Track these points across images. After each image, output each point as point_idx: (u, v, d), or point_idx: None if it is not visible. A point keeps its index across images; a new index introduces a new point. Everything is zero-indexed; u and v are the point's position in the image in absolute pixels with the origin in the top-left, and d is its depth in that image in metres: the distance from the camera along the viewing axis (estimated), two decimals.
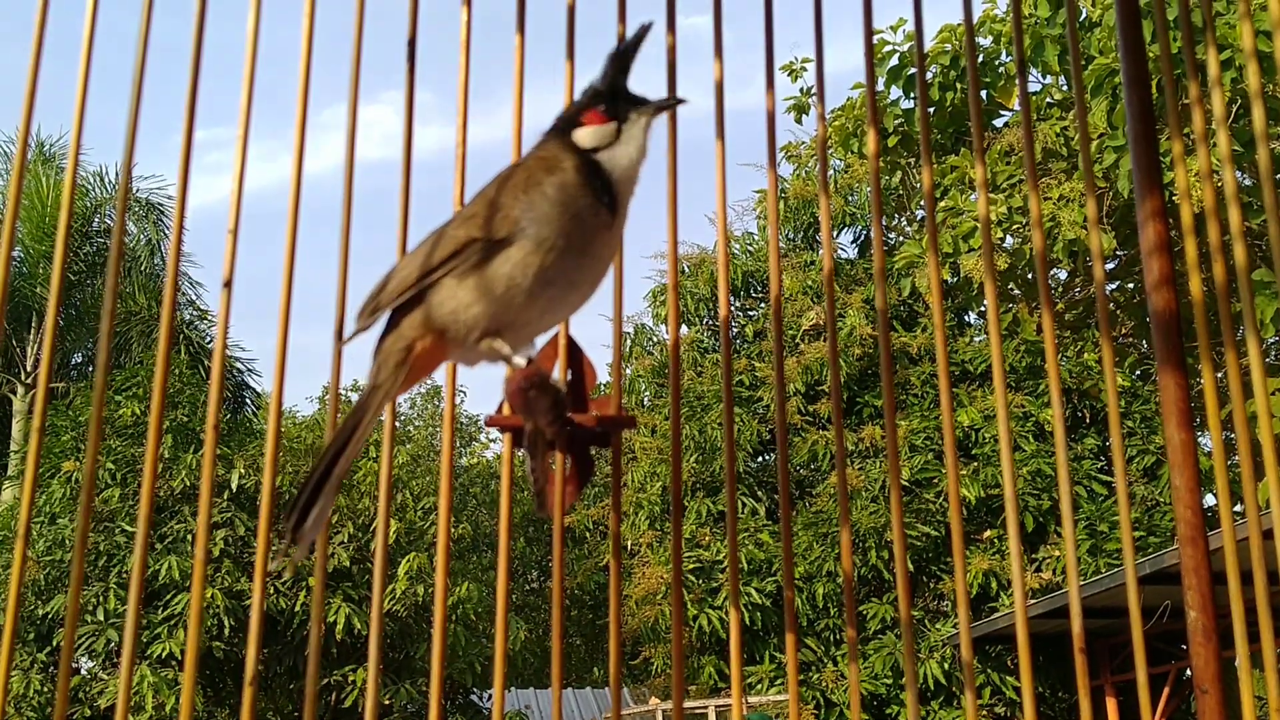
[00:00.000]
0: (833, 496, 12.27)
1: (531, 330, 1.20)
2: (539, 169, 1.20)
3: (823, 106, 1.42)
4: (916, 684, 1.05)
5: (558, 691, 1.25)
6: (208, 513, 1.18)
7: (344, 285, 1.29)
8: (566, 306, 1.20)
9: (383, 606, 1.10)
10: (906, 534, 11.61)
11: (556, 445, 1.28)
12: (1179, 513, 0.96)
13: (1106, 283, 11.69)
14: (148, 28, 1.30)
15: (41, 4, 1.30)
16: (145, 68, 1.28)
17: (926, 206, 1.37)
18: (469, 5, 1.37)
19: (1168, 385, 0.99)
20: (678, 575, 1.25)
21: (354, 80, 1.31)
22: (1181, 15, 1.25)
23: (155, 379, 1.19)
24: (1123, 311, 12.63)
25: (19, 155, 1.28)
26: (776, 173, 1.40)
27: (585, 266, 1.17)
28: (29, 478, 1.19)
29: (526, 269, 1.13)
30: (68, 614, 1.14)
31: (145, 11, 1.30)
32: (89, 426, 1.20)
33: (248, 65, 1.28)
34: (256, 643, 1.11)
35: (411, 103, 1.33)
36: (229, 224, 1.26)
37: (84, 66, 1.28)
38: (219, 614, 10.68)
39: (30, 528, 1.21)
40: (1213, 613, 0.94)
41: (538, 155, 1.23)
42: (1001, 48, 12.05)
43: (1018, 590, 1.03)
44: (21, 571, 1.17)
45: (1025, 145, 1.28)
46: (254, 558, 10.45)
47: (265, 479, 1.15)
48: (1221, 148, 1.18)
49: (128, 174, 1.27)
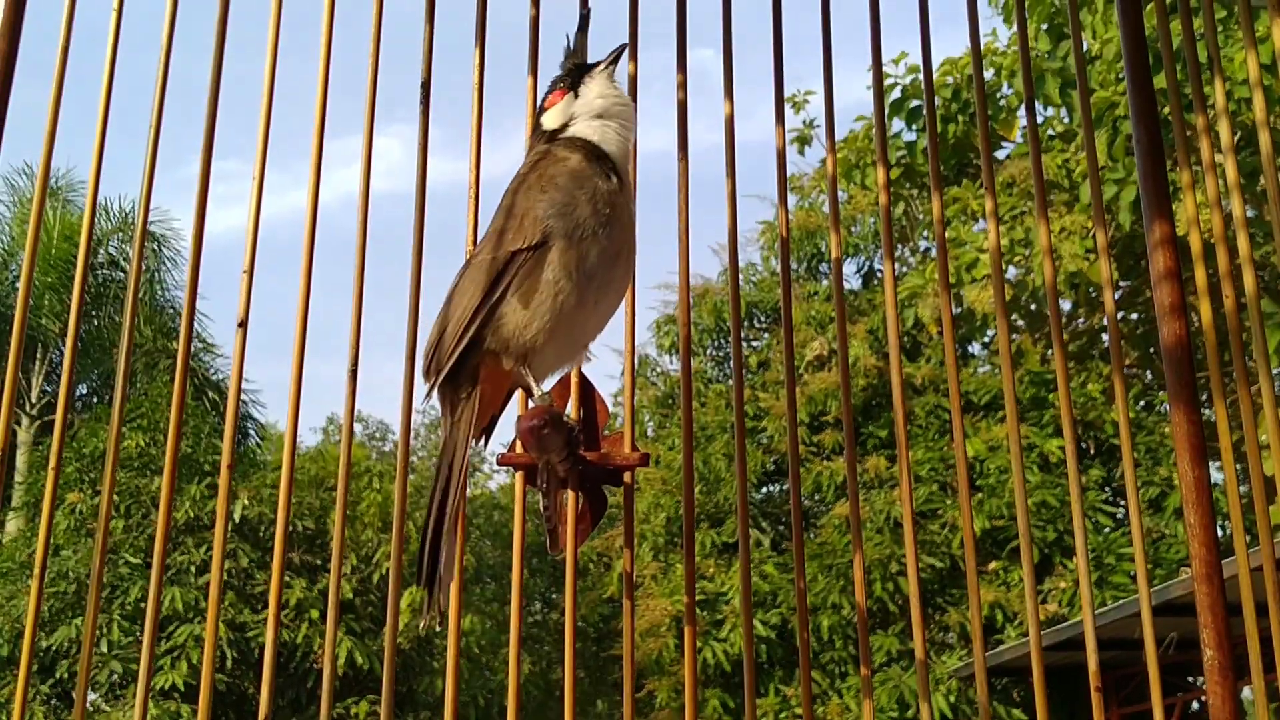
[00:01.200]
0: (838, 528, 12.24)
1: (591, 330, 1.21)
2: (545, 166, 1.23)
3: (831, 140, 1.43)
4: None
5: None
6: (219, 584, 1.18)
7: (358, 321, 1.30)
8: (615, 291, 1.20)
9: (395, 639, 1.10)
10: None
11: (569, 483, 1.28)
12: (1194, 549, 0.96)
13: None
14: (167, 65, 1.31)
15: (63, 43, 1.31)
16: (164, 108, 1.30)
17: (937, 233, 1.38)
18: (482, 46, 1.39)
19: (1180, 420, 1.00)
20: (690, 608, 1.25)
21: (368, 133, 1.32)
22: (1186, 43, 1.26)
23: (171, 423, 1.20)
24: (1126, 342, 12.62)
25: (36, 204, 1.29)
26: (787, 210, 1.41)
27: (617, 238, 1.19)
28: (45, 518, 1.20)
29: (568, 268, 1.14)
30: (83, 651, 1.14)
31: (165, 48, 1.31)
32: (99, 459, 1.21)
33: (264, 108, 1.30)
34: (270, 683, 1.11)
35: (425, 146, 1.34)
36: (244, 264, 1.27)
37: (103, 106, 1.29)
38: (221, 646, 10.64)
39: (45, 564, 1.21)
40: (1229, 650, 0.94)
41: (534, 159, 1.26)
42: (1002, 80, 12.11)
43: (1032, 624, 1.03)
44: (37, 609, 1.17)
45: (1034, 171, 1.29)
46: (257, 589, 10.38)
47: (279, 523, 1.15)
48: (1230, 175, 1.19)
49: (142, 230, 1.28)
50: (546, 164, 1.22)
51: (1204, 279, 1.09)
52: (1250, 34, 1.23)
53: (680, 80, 1.43)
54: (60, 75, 1.29)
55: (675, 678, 12.36)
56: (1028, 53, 1.44)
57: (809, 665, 1.26)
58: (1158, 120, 1.14)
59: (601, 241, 1.16)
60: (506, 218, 1.18)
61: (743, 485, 1.33)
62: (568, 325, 1.16)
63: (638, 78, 1.44)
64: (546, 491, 1.27)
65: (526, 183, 1.21)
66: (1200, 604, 0.94)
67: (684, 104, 1.42)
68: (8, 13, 1.21)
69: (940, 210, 1.41)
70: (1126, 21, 1.18)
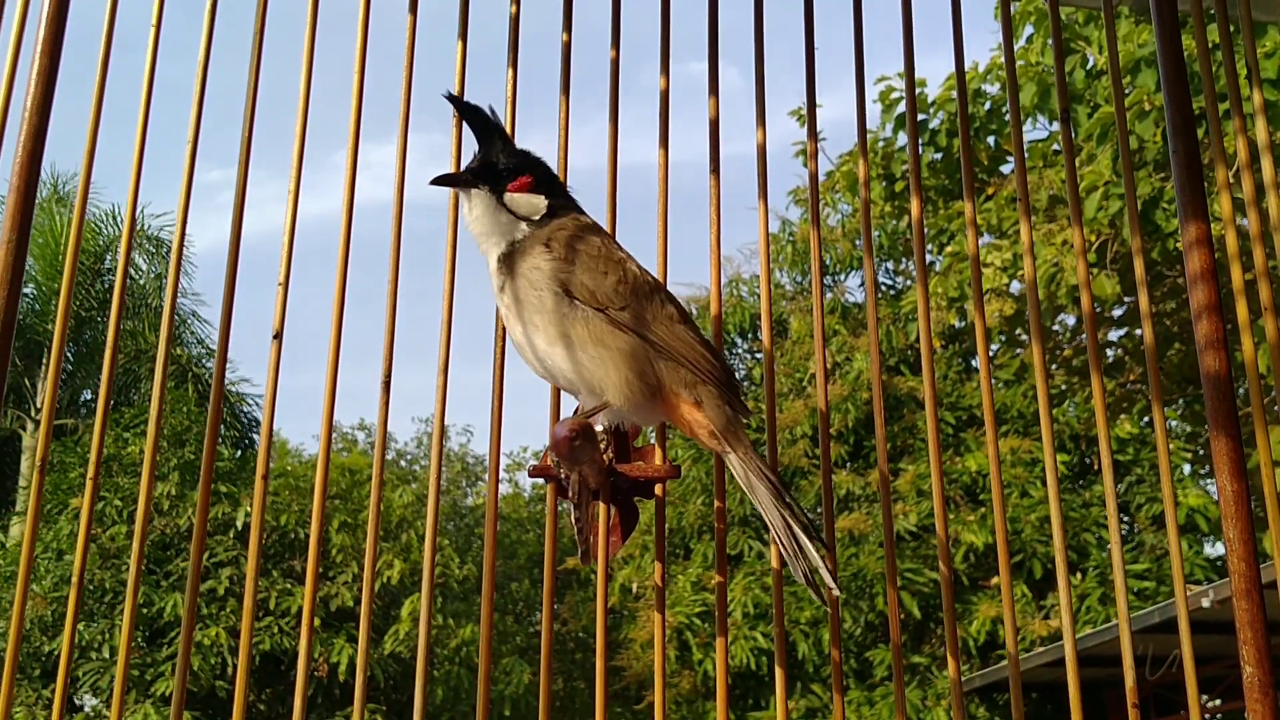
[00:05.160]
0: (840, 541, 12.21)
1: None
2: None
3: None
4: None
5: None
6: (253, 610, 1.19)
7: (391, 332, 1.31)
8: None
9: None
10: (914, 580, 11.55)
11: (600, 495, 1.29)
12: (1233, 565, 0.96)
13: (1114, 329, 11.69)
14: (204, 78, 1.32)
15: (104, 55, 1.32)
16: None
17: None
18: (515, 66, 1.40)
19: (1219, 437, 1.00)
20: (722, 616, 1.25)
21: (402, 147, 1.33)
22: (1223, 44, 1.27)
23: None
24: (1130, 358, 12.63)
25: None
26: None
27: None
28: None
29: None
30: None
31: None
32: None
33: (299, 123, 1.30)
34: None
35: (458, 156, 1.35)
36: (279, 276, 1.28)
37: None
38: (223, 653, 10.62)
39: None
40: (1269, 668, 0.94)
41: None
42: (1006, 93, 12.11)
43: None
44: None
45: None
46: (260, 596, 10.34)
47: (313, 534, 1.16)
48: (1266, 174, 1.20)
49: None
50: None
51: (1239, 278, 1.10)
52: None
53: (712, 104, 1.44)
54: (100, 92, 1.30)
55: (675, 689, 12.34)
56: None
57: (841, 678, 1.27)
58: (1194, 128, 1.15)
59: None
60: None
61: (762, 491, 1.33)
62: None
63: (669, 91, 1.45)
64: (578, 503, 1.27)
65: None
66: (1240, 620, 0.94)
67: (715, 121, 1.43)
68: (49, 30, 1.22)
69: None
70: (1163, 31, 1.19)
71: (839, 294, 14.14)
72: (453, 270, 1.32)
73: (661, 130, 1.43)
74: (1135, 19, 8.75)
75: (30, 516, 1.16)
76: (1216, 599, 6.94)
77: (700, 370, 1.21)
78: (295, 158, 1.30)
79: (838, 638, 1.15)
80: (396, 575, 11.95)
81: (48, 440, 1.29)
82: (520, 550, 16.94)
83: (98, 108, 1.29)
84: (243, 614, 1.18)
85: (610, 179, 1.40)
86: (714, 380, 1.21)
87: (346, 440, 19.20)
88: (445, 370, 1.28)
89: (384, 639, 11.91)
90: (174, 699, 1.14)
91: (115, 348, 1.25)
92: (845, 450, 12.96)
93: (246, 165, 1.28)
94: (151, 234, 15.20)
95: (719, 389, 1.22)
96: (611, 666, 15.02)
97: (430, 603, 1.20)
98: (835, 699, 1.14)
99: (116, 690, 1.14)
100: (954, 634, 1.07)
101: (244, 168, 1.28)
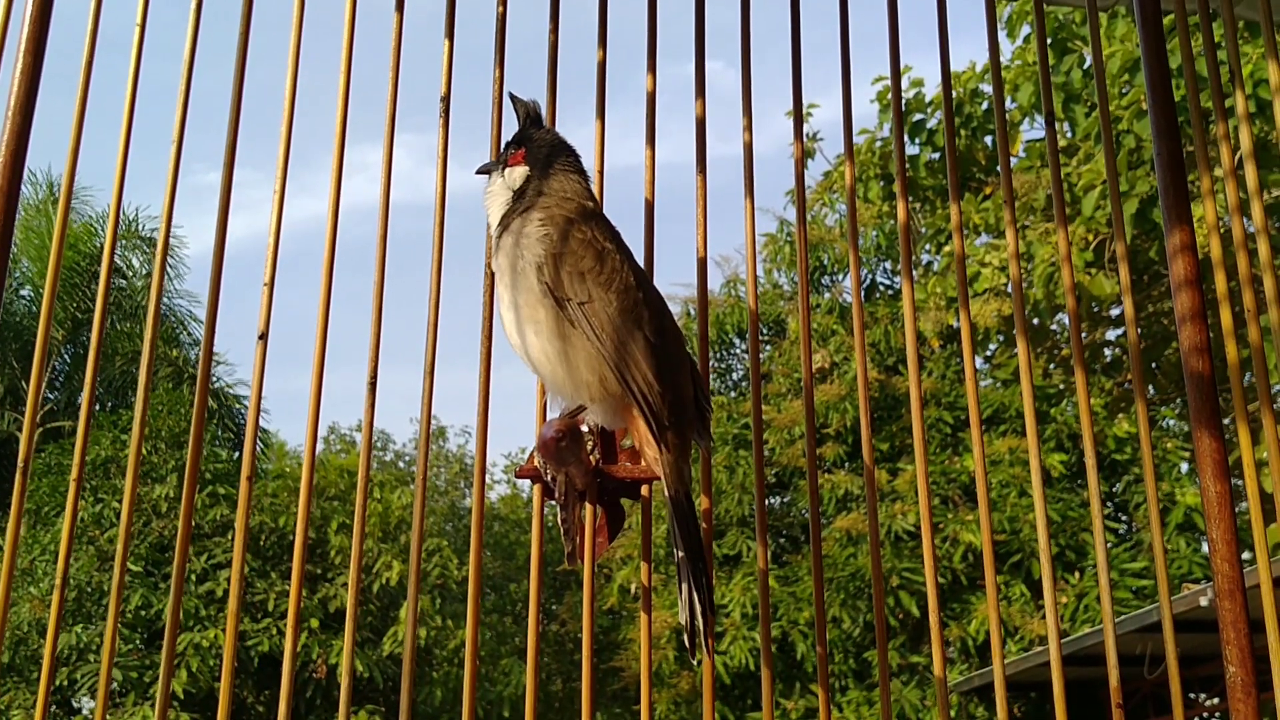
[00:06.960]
0: (839, 541, 12.22)
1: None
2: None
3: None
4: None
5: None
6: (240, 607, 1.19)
7: (377, 334, 1.31)
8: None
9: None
10: (913, 580, 11.55)
11: (587, 496, 1.29)
12: (1216, 565, 0.96)
13: (1113, 328, 11.68)
14: (189, 82, 1.32)
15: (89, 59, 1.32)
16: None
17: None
18: (501, 65, 1.40)
19: (1203, 438, 1.00)
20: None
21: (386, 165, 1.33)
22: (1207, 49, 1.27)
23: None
24: (1126, 357, 12.63)
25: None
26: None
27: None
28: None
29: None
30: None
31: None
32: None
33: (284, 124, 1.30)
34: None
35: (445, 165, 1.35)
36: (264, 277, 1.27)
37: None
38: (223, 655, 10.63)
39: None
40: (1252, 667, 0.94)
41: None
42: (1006, 95, 12.14)
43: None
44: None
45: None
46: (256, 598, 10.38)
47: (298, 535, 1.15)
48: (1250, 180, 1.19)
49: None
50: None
51: (1224, 285, 1.10)
52: (1271, 42, 1.23)
53: (699, 106, 1.44)
54: (84, 91, 1.30)
55: (675, 689, 12.33)
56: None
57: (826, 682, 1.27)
58: (1178, 132, 1.15)
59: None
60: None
61: (759, 498, 1.33)
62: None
63: (655, 92, 1.45)
64: (564, 504, 1.27)
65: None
66: (1223, 620, 0.94)
67: (702, 120, 1.43)
68: (32, 29, 1.21)
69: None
70: (1147, 35, 1.19)
71: (837, 294, 14.12)
72: (439, 272, 1.32)
73: (648, 130, 1.43)
74: (1134, 18, 8.76)
75: (13, 517, 1.16)
76: (1214, 597, 6.95)
77: (649, 407, 1.18)
78: (280, 159, 1.29)
79: (823, 636, 1.15)
80: (395, 576, 11.94)
81: (30, 443, 1.28)
82: (519, 551, 16.95)
83: (81, 109, 1.29)
84: (227, 615, 1.18)
85: (598, 179, 1.40)
86: (650, 414, 1.19)
87: (345, 442, 19.20)
88: (431, 373, 1.28)
89: (383, 640, 11.91)
90: (158, 699, 1.14)
91: (99, 349, 1.25)
92: (844, 450, 12.95)
93: (231, 167, 1.28)
94: (148, 235, 15.20)
95: (657, 425, 1.19)
96: (611, 667, 15.03)
97: (415, 601, 1.20)
98: (820, 694, 1.14)
99: (100, 691, 1.14)
100: (940, 636, 1.07)
101: (228, 169, 1.28)
